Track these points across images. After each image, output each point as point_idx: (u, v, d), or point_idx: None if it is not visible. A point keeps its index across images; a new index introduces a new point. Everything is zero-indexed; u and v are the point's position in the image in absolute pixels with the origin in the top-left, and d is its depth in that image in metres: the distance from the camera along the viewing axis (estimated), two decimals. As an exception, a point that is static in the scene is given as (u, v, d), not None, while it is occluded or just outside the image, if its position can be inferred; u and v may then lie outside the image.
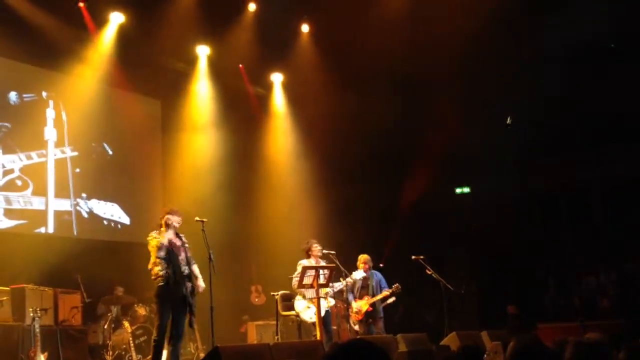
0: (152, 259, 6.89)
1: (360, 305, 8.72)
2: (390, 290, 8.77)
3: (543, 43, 11.89)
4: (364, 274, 8.72)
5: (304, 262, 8.25)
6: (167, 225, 6.99)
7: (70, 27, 10.19)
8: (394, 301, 9.14)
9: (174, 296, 6.77)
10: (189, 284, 6.87)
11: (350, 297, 8.76)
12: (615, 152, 13.41)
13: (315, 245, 8.45)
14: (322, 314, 8.06)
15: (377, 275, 9.00)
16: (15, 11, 9.61)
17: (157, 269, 6.79)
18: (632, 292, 12.24)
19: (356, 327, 8.81)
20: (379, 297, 8.76)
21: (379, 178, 13.46)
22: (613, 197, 13.98)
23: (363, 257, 8.90)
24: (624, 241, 13.00)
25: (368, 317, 8.74)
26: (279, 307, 8.70)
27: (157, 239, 6.87)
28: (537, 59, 12.46)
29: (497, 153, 13.42)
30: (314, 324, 7.95)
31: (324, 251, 8.43)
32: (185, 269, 6.89)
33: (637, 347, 3.53)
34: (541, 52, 12.24)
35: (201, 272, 7.08)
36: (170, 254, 6.83)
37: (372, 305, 8.73)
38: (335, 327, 8.51)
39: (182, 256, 6.93)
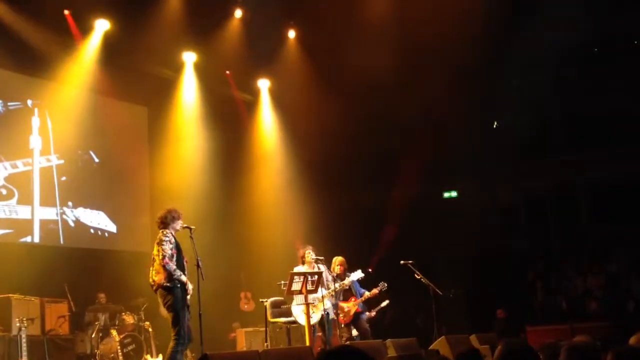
0: (159, 261, 6.69)
1: (350, 306, 8.71)
2: (378, 289, 8.79)
3: (530, 47, 12.00)
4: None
5: (300, 269, 8.24)
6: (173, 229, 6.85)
7: (55, 34, 10.13)
8: (387, 305, 9.18)
9: (184, 302, 6.71)
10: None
11: (334, 300, 8.72)
12: (601, 154, 13.53)
13: (309, 252, 8.43)
14: (319, 317, 8.06)
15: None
16: (-1, 19, 9.57)
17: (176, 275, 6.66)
18: (619, 294, 12.33)
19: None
20: (367, 296, 8.76)
21: (366, 183, 13.49)
22: (599, 200, 14.10)
23: (339, 259, 8.87)
24: (610, 243, 13.11)
25: (354, 321, 8.73)
26: (269, 314, 8.67)
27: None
28: (523, 63, 12.57)
29: (484, 157, 13.51)
30: (311, 327, 7.95)
31: (313, 257, 8.41)
32: (185, 278, 6.79)
33: (625, 350, 3.55)
34: (528, 56, 12.36)
35: (189, 279, 7.00)
36: (179, 260, 6.74)
37: (359, 306, 8.75)
38: (320, 334, 8.45)
39: (184, 264, 6.85)
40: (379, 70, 11.55)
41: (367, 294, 8.79)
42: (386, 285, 8.82)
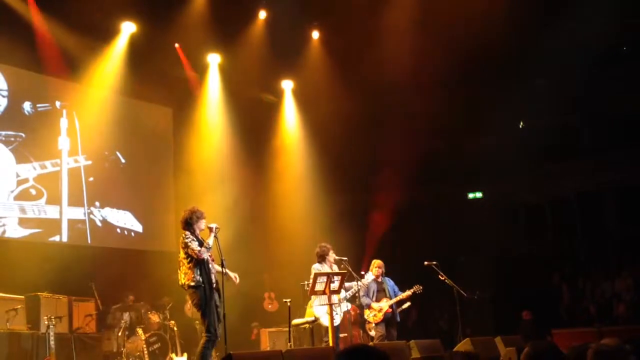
0: (186, 264, 6.75)
1: (381, 306, 8.69)
2: (412, 291, 8.73)
3: (557, 47, 11.86)
4: (373, 277, 8.71)
5: (317, 267, 8.21)
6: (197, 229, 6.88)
7: (83, 37, 10.29)
8: (408, 307, 9.12)
9: (211, 300, 6.74)
10: (216, 295, 6.83)
11: (367, 300, 8.72)
12: (628, 155, 13.32)
13: (332, 251, 8.41)
14: (339, 320, 8.03)
15: (390, 281, 8.99)
16: (29, 22, 9.74)
17: (194, 274, 6.72)
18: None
19: (372, 333, 8.76)
20: (400, 297, 8.73)
21: (390, 184, 13.44)
22: (626, 201, 13.87)
23: (377, 262, 8.91)
24: (638, 245, 12.89)
25: (386, 321, 8.70)
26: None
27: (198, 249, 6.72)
28: (550, 63, 12.42)
29: (509, 158, 13.38)
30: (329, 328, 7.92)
31: (336, 257, 8.40)
32: (213, 277, 6.84)
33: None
34: (555, 56, 12.21)
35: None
36: (203, 260, 6.78)
37: (391, 307, 8.70)
38: (346, 334, 8.42)
39: (211, 264, 6.88)
40: (402, 71, 11.52)
41: (401, 295, 8.77)
42: (421, 288, 8.74)
